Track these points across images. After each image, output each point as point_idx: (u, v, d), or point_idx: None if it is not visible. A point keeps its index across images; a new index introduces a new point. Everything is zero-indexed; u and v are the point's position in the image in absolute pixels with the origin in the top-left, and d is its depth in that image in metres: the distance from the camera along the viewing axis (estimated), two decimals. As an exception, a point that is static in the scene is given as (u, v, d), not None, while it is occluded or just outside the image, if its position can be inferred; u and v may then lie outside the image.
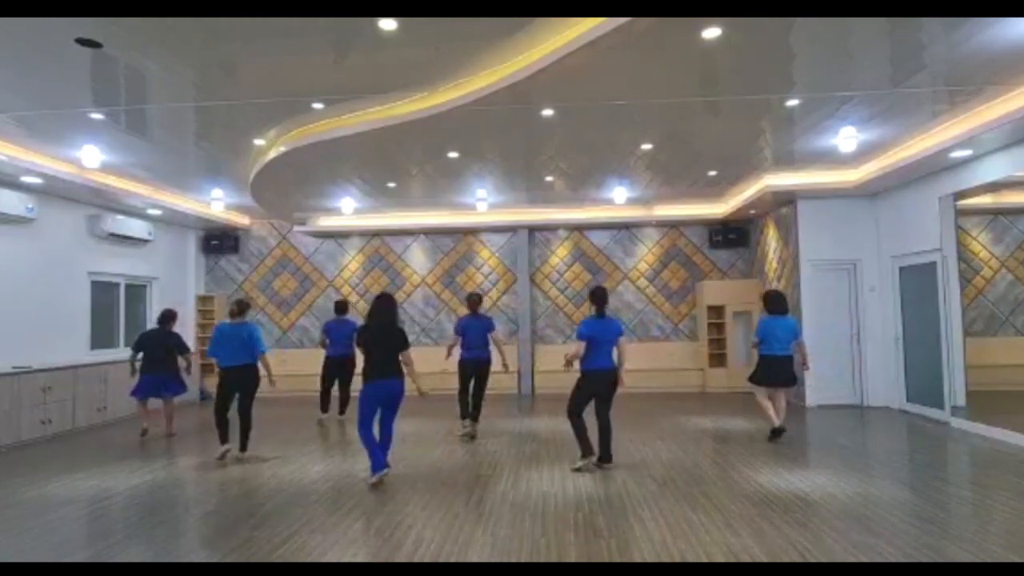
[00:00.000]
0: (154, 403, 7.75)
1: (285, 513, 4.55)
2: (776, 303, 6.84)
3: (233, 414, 6.28)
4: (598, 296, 5.70)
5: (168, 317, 7.71)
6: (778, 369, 6.69)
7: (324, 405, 8.44)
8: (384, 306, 5.35)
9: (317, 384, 8.51)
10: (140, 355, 7.46)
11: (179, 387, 7.78)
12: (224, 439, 6.26)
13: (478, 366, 7.10)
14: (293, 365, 11.26)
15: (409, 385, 5.31)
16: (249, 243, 11.95)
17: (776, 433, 6.63)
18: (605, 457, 5.64)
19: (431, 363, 9.17)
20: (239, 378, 6.20)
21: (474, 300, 7.36)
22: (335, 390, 8.44)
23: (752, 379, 6.89)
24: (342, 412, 8.35)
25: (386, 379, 5.21)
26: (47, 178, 7.46)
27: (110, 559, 3.76)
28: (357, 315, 9.75)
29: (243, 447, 6.29)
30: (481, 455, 6.12)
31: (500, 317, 11.57)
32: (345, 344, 8.23)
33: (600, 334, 5.55)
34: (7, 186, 7.55)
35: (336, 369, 8.33)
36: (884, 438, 6.95)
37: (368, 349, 5.26)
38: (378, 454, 5.27)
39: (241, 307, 6.37)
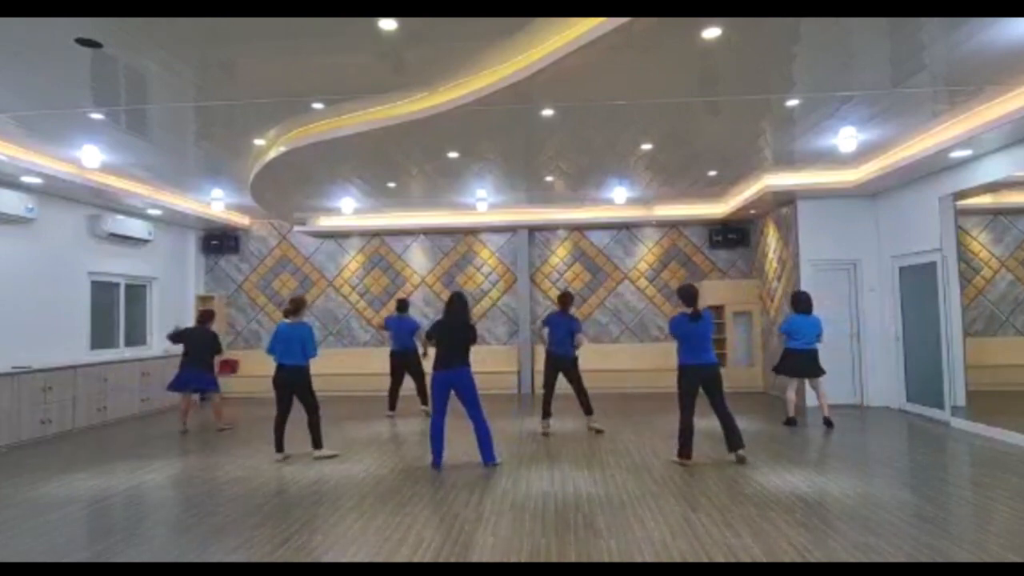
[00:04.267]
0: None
1: (285, 513, 4.55)
2: (802, 303, 7.61)
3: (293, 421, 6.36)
4: (684, 295, 5.90)
5: (209, 316, 8.26)
6: (799, 361, 7.44)
7: (392, 403, 8.76)
8: (456, 305, 5.96)
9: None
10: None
11: (211, 384, 8.11)
12: (279, 446, 6.29)
13: (563, 363, 7.22)
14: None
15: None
16: (249, 243, 11.95)
17: (789, 422, 7.45)
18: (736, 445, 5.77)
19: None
20: (292, 377, 6.24)
21: (567, 299, 7.46)
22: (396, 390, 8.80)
23: (776, 368, 7.74)
24: (424, 403, 8.64)
25: (452, 369, 5.76)
26: (47, 178, 7.46)
27: (110, 559, 3.76)
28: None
29: (316, 444, 6.31)
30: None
31: (500, 317, 11.59)
32: (406, 339, 8.63)
33: (694, 332, 5.74)
34: (7, 186, 7.55)
35: (401, 362, 8.68)
36: (884, 438, 6.94)
37: (439, 341, 5.88)
38: (437, 448, 5.80)
39: (296, 305, 6.37)
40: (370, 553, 3.76)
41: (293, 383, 6.24)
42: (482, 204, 9.59)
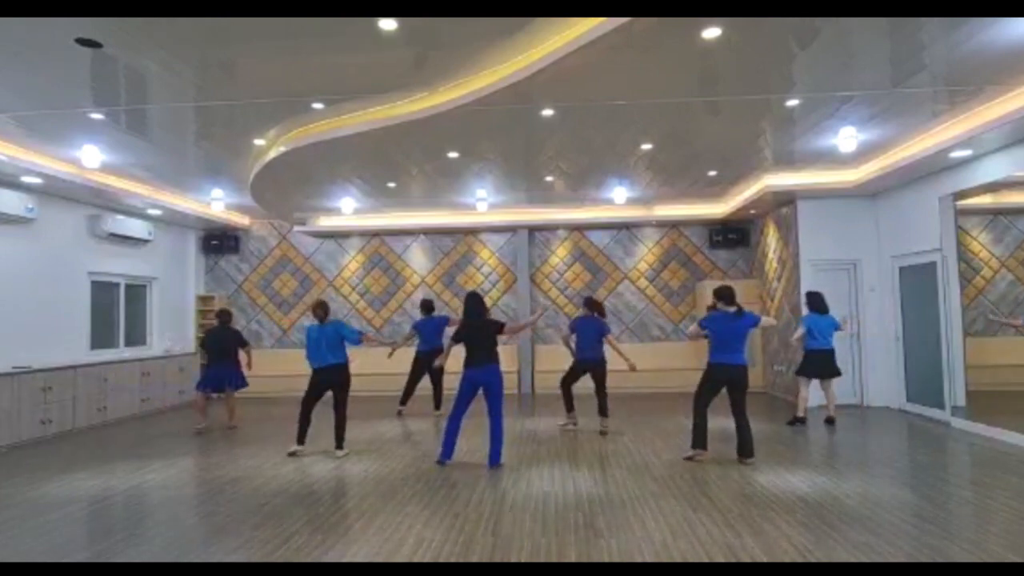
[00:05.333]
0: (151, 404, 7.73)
1: (285, 513, 4.55)
2: (816, 302, 7.68)
3: (318, 413, 6.44)
4: (722, 294, 5.93)
5: (227, 316, 8.30)
6: (820, 361, 7.55)
7: (404, 398, 8.85)
8: (473, 303, 6.01)
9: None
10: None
11: (240, 381, 8.14)
12: (301, 439, 6.37)
13: (593, 366, 7.25)
14: (292, 366, 11.26)
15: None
16: (249, 243, 11.95)
17: (795, 421, 7.52)
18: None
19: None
20: (331, 377, 6.36)
21: (593, 303, 7.48)
22: (421, 386, 8.81)
23: (798, 372, 7.80)
24: (438, 408, 8.66)
25: (482, 367, 5.78)
26: (47, 178, 7.46)
27: (110, 559, 3.76)
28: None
29: (338, 444, 6.40)
30: (482, 455, 6.12)
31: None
32: (435, 338, 8.66)
33: (729, 330, 5.77)
34: (7, 186, 7.54)
35: (425, 361, 8.66)
36: (884, 438, 6.95)
37: (465, 343, 5.89)
38: (450, 443, 5.90)
39: (325, 310, 6.50)
40: (370, 553, 3.76)
41: (331, 383, 6.38)
42: (482, 204, 9.59)
